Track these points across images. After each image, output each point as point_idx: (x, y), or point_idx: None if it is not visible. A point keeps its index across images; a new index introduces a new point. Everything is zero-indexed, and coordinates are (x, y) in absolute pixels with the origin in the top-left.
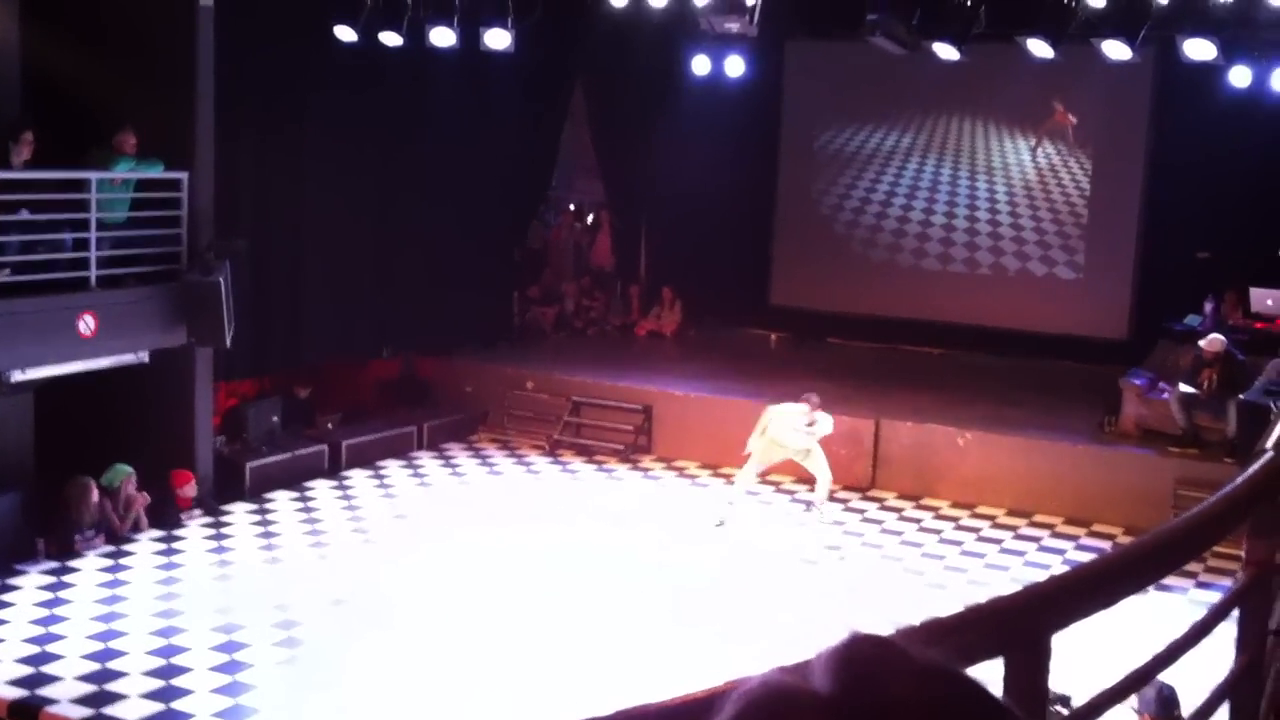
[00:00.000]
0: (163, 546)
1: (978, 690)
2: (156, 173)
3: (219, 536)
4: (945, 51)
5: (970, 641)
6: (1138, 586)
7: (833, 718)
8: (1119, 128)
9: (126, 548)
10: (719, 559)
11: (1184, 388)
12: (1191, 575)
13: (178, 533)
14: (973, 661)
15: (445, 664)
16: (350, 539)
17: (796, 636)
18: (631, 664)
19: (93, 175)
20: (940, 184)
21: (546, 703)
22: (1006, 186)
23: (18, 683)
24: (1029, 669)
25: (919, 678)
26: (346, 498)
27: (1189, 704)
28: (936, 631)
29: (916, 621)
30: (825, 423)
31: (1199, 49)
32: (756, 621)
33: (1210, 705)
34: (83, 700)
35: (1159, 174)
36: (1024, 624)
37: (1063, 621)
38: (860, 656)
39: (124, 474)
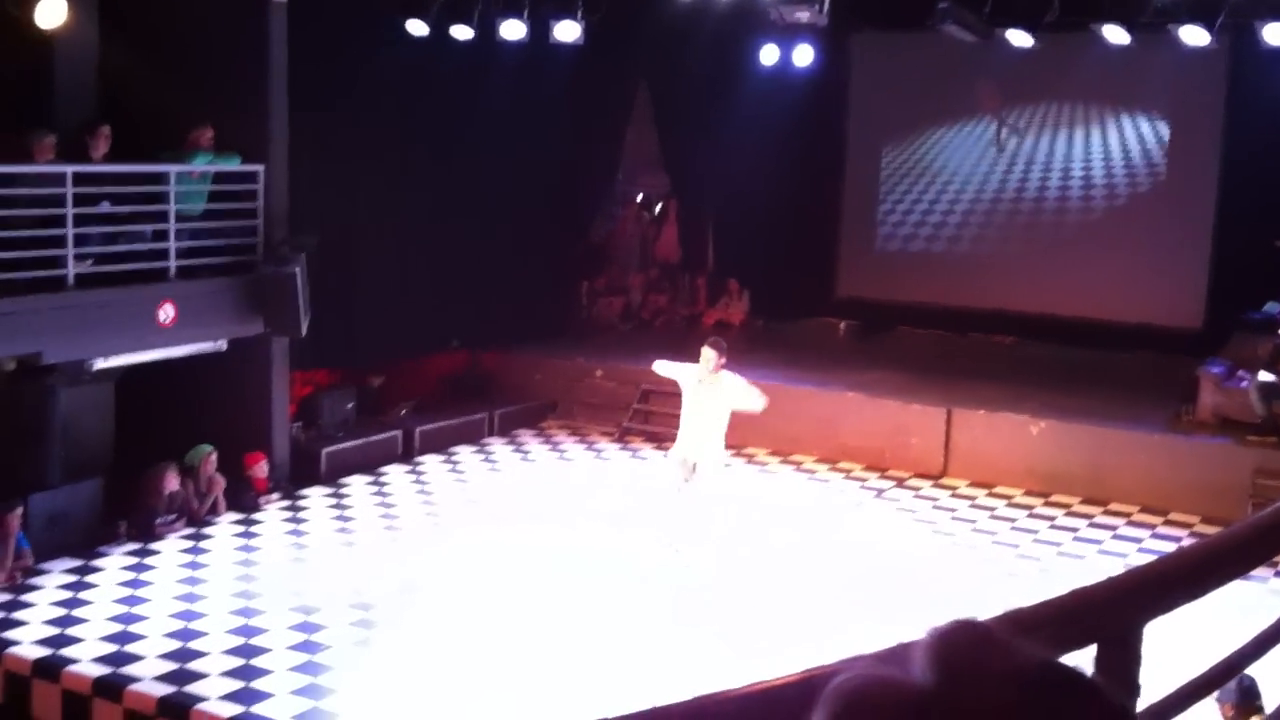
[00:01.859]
0: (241, 529)
1: (1089, 685)
2: (233, 166)
3: (295, 520)
4: (1018, 39)
5: (1061, 631)
6: (1233, 575)
7: (935, 714)
8: (1194, 114)
9: (205, 530)
10: (789, 545)
11: (1264, 376)
12: (1273, 565)
13: (255, 516)
14: (1062, 652)
15: (520, 649)
16: (423, 523)
17: (880, 626)
18: (716, 643)
19: (171, 169)
20: (1011, 173)
21: (621, 687)
22: (1081, 174)
23: (102, 660)
24: (1121, 660)
25: (1026, 672)
26: (420, 482)
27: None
28: (1027, 621)
29: (993, 612)
30: (735, 386)
31: (1278, 33)
32: (833, 608)
33: None
34: (165, 678)
35: (1235, 161)
36: (1117, 614)
37: (1157, 611)
38: (963, 648)
39: (205, 452)
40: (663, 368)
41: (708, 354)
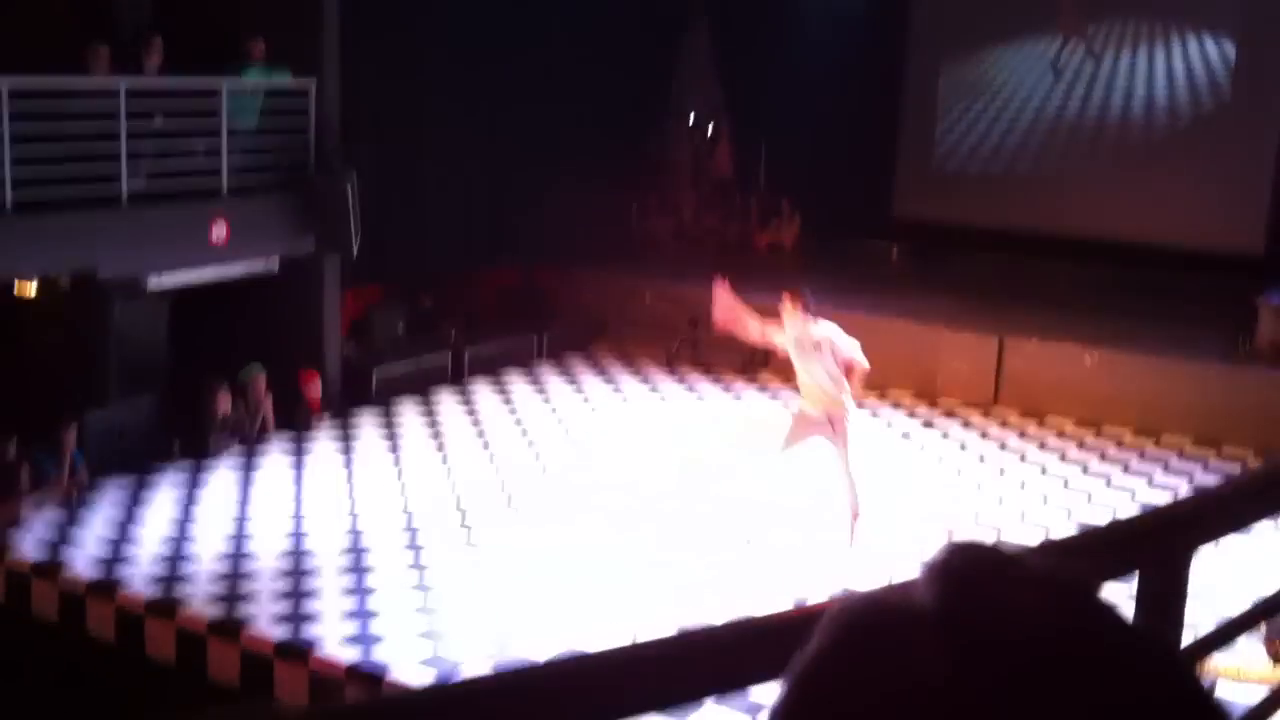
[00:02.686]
0: (292, 449)
1: (1098, 601)
2: (284, 80)
3: (347, 439)
4: None
5: (1104, 557)
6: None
7: (941, 632)
8: (1262, 34)
9: (258, 449)
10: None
11: None
12: None
13: (308, 435)
14: (1106, 578)
15: (572, 566)
16: (472, 446)
17: (919, 558)
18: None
19: (224, 82)
20: (1074, 92)
21: (680, 602)
22: (1144, 94)
23: (154, 580)
24: (1165, 586)
25: (1037, 587)
26: (469, 406)
27: None
28: (1070, 547)
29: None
30: (831, 334)
31: None
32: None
33: None
34: (215, 599)
35: None
36: (1161, 541)
37: (1203, 540)
38: (968, 565)
39: (255, 371)
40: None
41: (791, 304)
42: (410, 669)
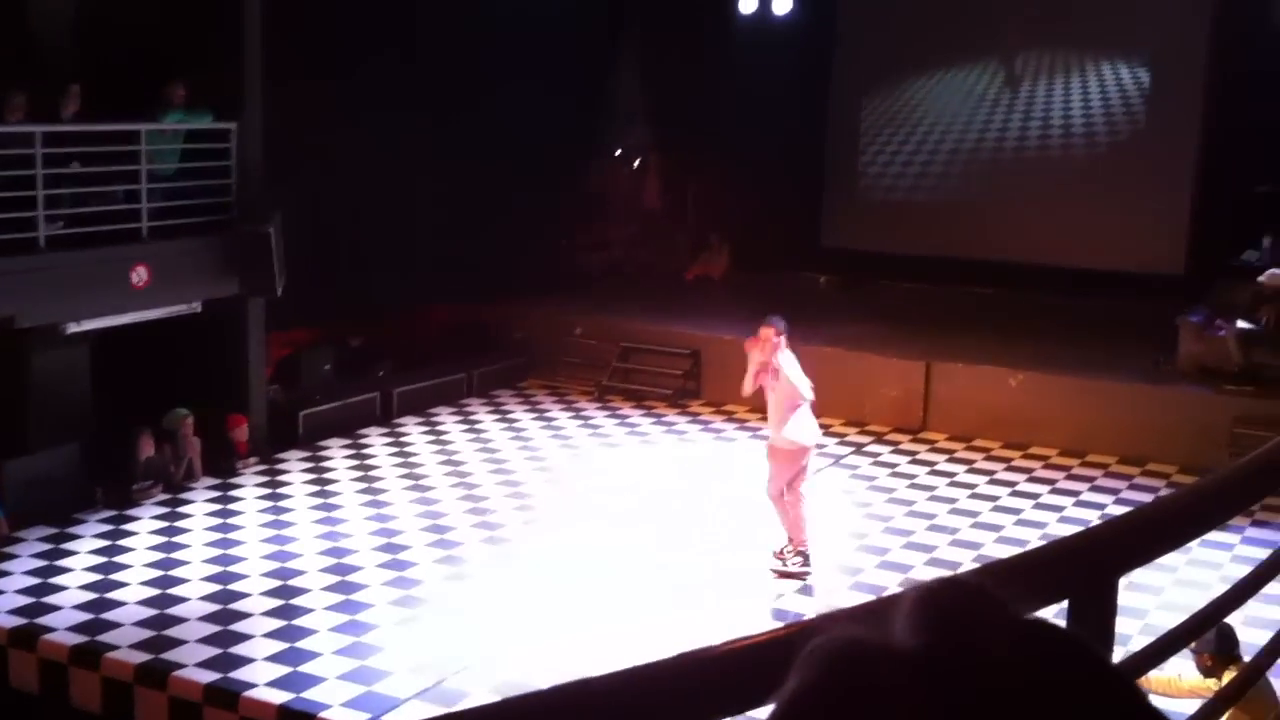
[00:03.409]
0: (219, 494)
1: (1080, 647)
2: (205, 123)
3: (274, 484)
4: None
5: (1035, 584)
6: (1208, 526)
7: (920, 677)
8: (1175, 61)
9: (184, 495)
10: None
11: (1242, 324)
12: (1248, 514)
13: (233, 480)
14: (1037, 605)
15: (507, 607)
16: (402, 485)
17: (857, 580)
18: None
19: (142, 127)
20: (992, 121)
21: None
22: (1061, 122)
23: (77, 629)
24: (1097, 612)
25: (1016, 632)
26: (398, 444)
27: (1249, 643)
28: (1002, 573)
29: (973, 564)
30: (790, 368)
31: None
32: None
33: (1277, 648)
34: (142, 645)
35: (1216, 108)
36: (1092, 565)
37: (1133, 563)
38: (947, 607)
39: (181, 416)
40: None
41: (764, 333)
42: (343, 711)
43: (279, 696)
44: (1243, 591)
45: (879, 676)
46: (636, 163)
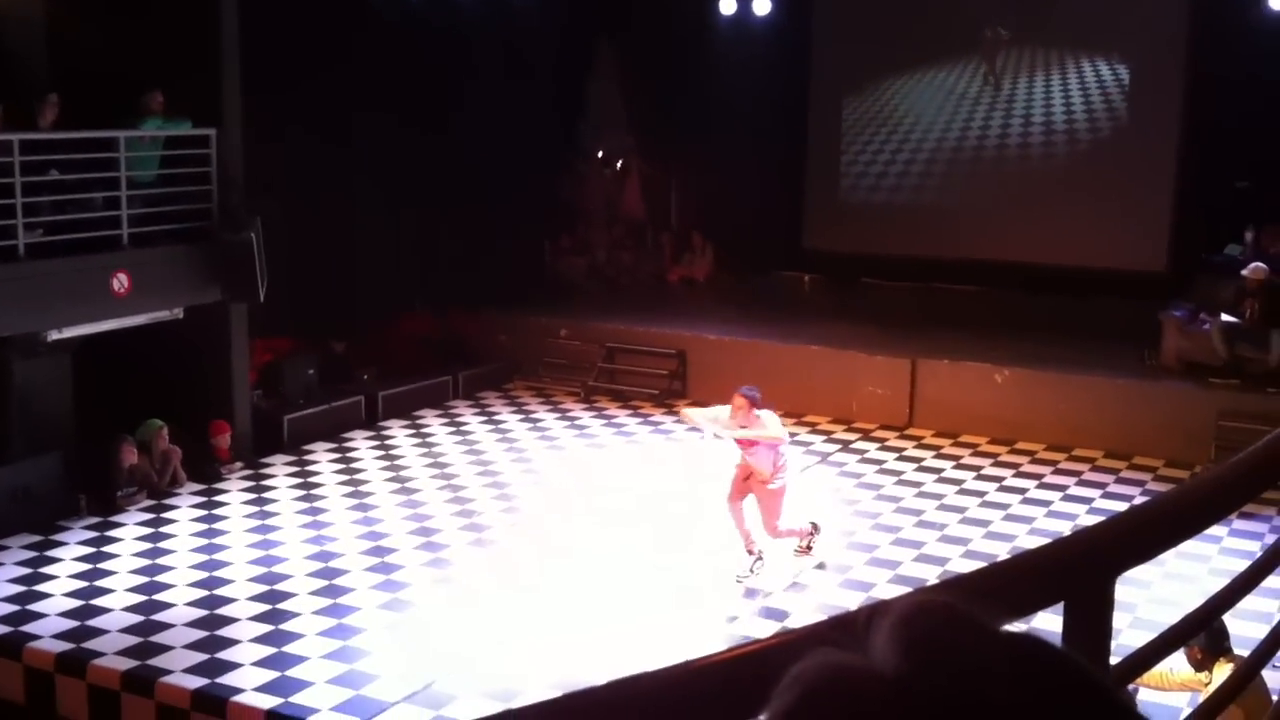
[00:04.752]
0: (203, 500)
1: (1066, 660)
2: (184, 130)
3: (259, 489)
4: None
5: (1031, 586)
6: (1205, 525)
7: (905, 702)
8: (1154, 57)
9: (168, 502)
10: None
11: (1226, 318)
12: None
13: (218, 486)
14: (1032, 610)
15: (494, 606)
16: (388, 489)
17: (846, 577)
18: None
19: (121, 134)
20: (973, 121)
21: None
22: (1042, 120)
23: (63, 636)
24: (1092, 615)
25: (998, 652)
26: (384, 448)
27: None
28: (995, 578)
29: (964, 563)
30: (771, 424)
31: None
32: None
33: (1273, 643)
34: (128, 652)
35: (1195, 104)
36: (1088, 567)
37: (1129, 563)
38: (928, 628)
39: (155, 427)
40: (694, 415)
41: (738, 402)
42: (331, 715)
43: (267, 701)
44: (1240, 587)
45: (861, 702)
46: (619, 165)
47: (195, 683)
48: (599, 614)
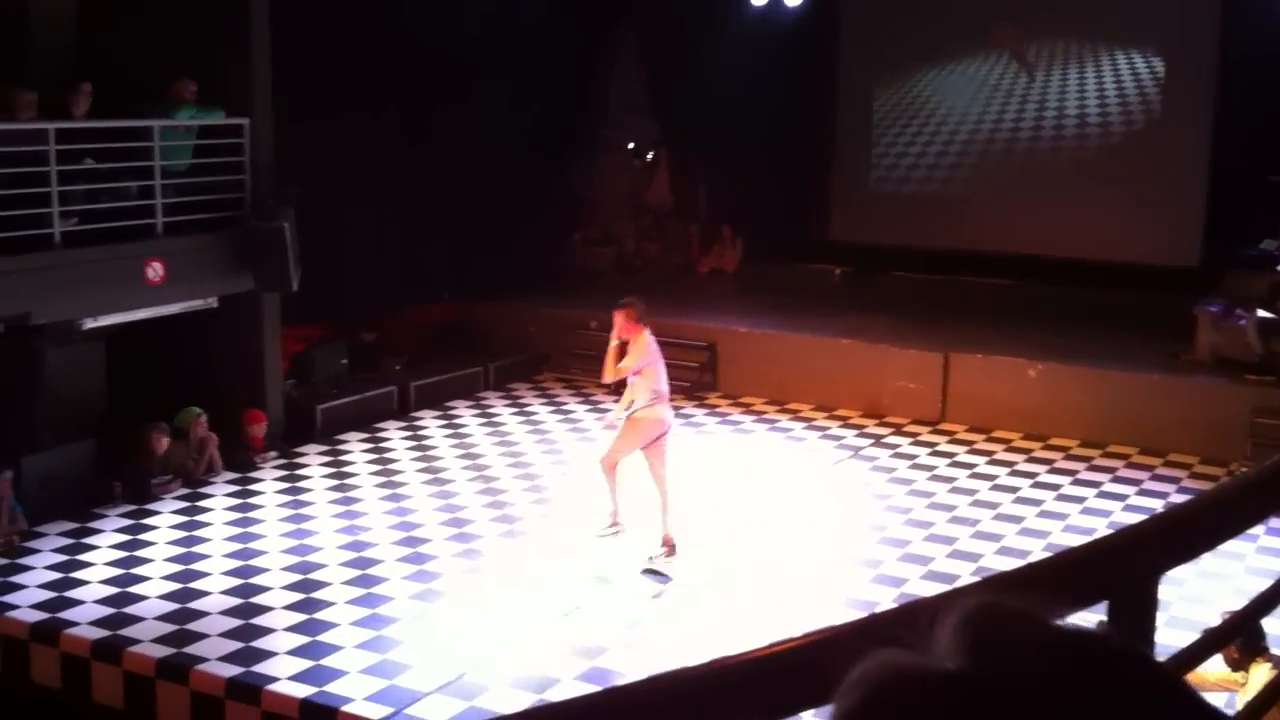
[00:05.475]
0: (238, 489)
1: (1132, 653)
2: (217, 119)
3: (292, 478)
4: None
5: (1075, 584)
6: (1250, 523)
7: (969, 701)
8: (1189, 50)
9: (203, 490)
10: (786, 495)
11: (1261, 313)
12: None
13: (252, 475)
14: (1075, 608)
15: (527, 595)
16: (420, 479)
17: (878, 573)
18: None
19: (155, 123)
20: (1005, 113)
21: (619, 648)
22: (1075, 113)
23: (99, 623)
24: (1136, 614)
25: (1064, 644)
26: (416, 438)
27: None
28: (1040, 575)
29: (998, 560)
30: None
31: None
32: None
33: None
34: (163, 639)
35: (1230, 97)
36: (1132, 565)
37: (1172, 562)
38: (992, 626)
39: (193, 415)
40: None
41: (618, 317)
42: (365, 704)
43: (301, 690)
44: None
45: (927, 701)
46: (648, 156)
47: (230, 671)
48: (632, 606)
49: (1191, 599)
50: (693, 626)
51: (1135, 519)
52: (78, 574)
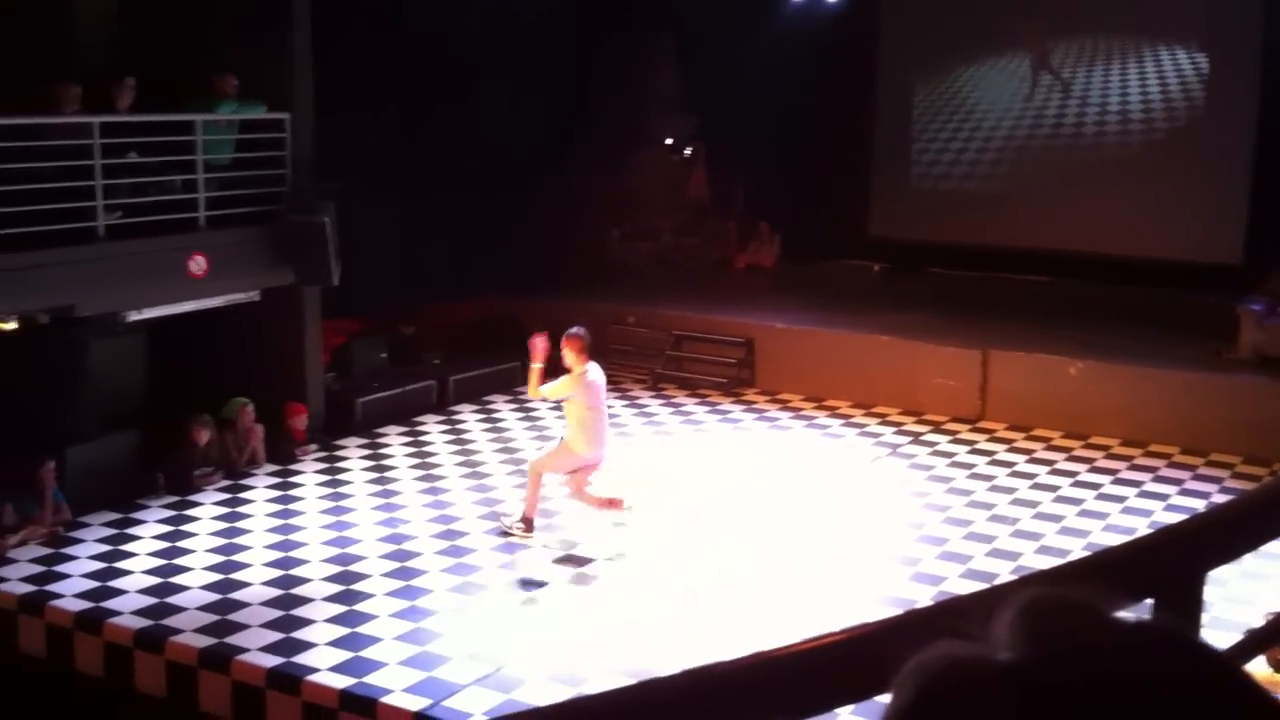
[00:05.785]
0: (279, 480)
1: (1192, 644)
2: (259, 113)
3: (333, 470)
4: None
5: (1119, 582)
6: None
7: (1028, 692)
8: (1232, 46)
9: (244, 482)
10: (824, 491)
11: None
12: None
13: (293, 467)
14: (1120, 604)
15: (564, 589)
16: (459, 472)
17: (916, 571)
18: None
19: (198, 117)
20: (1047, 109)
21: (659, 646)
22: (1117, 109)
23: (142, 613)
24: (1182, 611)
25: (1123, 636)
26: (455, 432)
27: None
28: (1083, 571)
29: (1038, 559)
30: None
31: None
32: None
33: None
34: (205, 630)
35: (1273, 94)
36: (1177, 562)
37: (1218, 560)
38: (1050, 617)
39: (240, 404)
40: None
41: (566, 347)
42: (403, 696)
43: (341, 681)
44: None
45: (986, 692)
46: (687, 152)
47: (270, 661)
48: (667, 601)
49: (1234, 600)
50: (731, 621)
51: (1177, 519)
52: (121, 564)
